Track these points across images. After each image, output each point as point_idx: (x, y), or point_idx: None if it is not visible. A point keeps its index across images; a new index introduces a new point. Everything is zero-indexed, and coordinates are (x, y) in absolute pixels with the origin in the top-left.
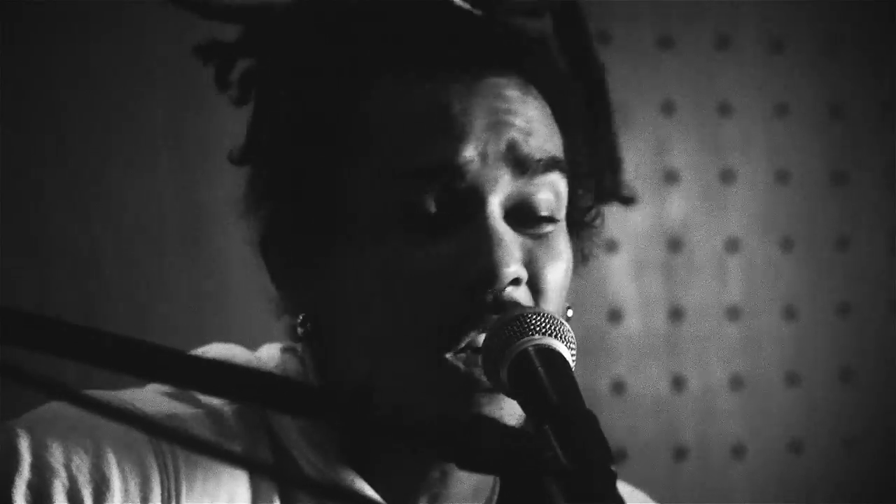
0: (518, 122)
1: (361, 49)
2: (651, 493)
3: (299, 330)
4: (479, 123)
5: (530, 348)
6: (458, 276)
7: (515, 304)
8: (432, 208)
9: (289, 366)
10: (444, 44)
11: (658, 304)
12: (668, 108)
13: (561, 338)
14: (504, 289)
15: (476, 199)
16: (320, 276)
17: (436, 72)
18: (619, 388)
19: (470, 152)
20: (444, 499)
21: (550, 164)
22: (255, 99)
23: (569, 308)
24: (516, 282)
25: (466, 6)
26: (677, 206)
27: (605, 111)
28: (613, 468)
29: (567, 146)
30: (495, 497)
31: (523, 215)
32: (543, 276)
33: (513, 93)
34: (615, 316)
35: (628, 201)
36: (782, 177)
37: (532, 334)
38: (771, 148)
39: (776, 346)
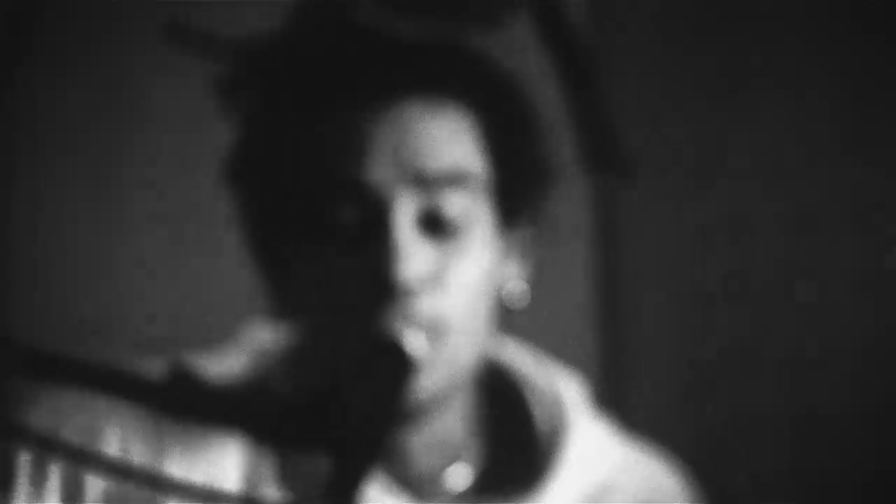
0: (419, 141)
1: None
2: None
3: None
4: (382, 146)
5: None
6: (365, 286)
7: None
8: (344, 221)
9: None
10: (347, 80)
11: None
12: None
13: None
14: (406, 294)
15: (383, 212)
16: (282, 277)
17: (343, 105)
18: None
19: (375, 171)
20: (404, 454)
21: (452, 177)
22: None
23: (513, 291)
24: (418, 288)
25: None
26: None
27: (587, 77)
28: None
29: (494, 147)
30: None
31: (433, 223)
32: (452, 278)
33: (416, 116)
34: None
35: (627, 172)
36: None
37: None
38: None
39: None
